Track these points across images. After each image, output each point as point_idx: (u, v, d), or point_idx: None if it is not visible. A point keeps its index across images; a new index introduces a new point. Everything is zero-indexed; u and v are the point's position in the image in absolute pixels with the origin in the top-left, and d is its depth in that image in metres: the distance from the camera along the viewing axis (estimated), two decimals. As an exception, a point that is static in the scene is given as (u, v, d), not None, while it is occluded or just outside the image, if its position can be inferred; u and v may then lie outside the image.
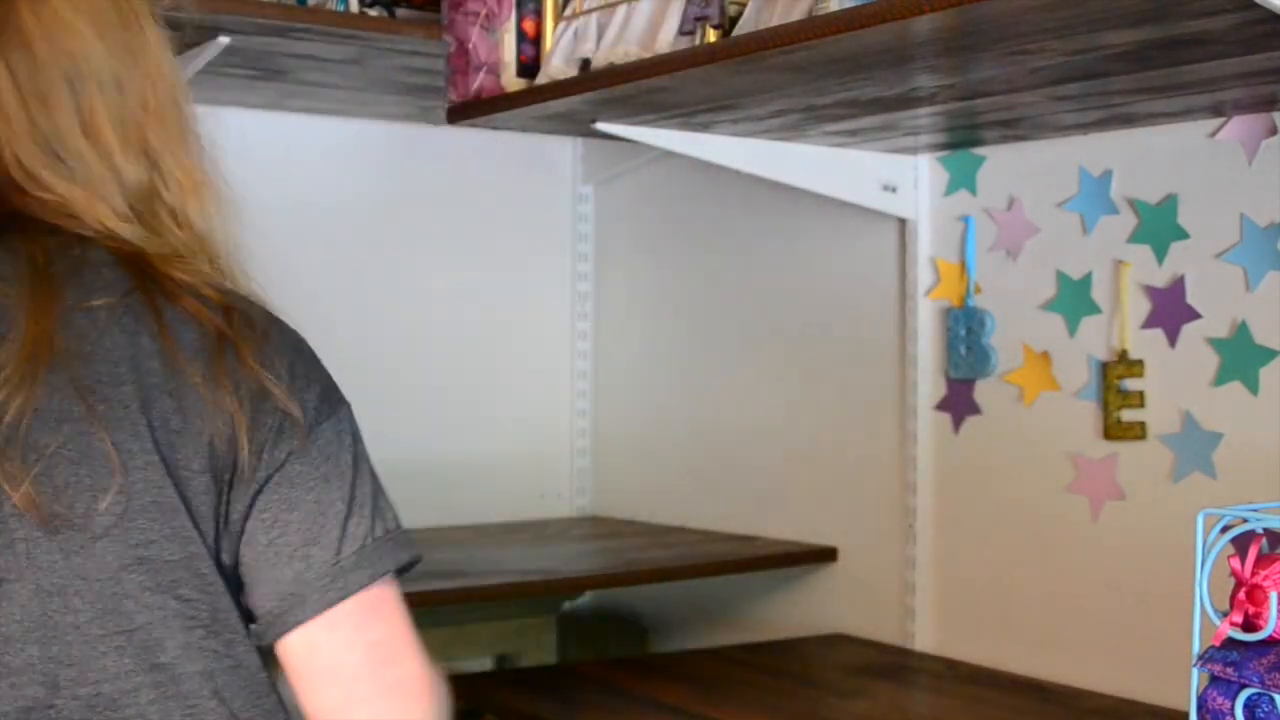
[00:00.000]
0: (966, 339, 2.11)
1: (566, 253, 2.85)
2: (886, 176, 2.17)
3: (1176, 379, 1.86)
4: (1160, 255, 1.88)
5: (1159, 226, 1.88)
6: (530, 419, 2.81)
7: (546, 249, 2.83)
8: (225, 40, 1.90)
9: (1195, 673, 1.16)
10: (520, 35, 1.96)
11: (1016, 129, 1.94)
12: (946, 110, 1.82)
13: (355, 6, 2.00)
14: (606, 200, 2.84)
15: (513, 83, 1.95)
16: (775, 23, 1.54)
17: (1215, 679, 1.14)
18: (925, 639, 2.19)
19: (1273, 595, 1.10)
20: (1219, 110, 1.76)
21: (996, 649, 2.09)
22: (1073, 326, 1.98)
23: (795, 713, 1.86)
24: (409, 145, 2.66)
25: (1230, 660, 1.12)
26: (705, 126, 1.99)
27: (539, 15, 1.94)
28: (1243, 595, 1.12)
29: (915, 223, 2.18)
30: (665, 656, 2.37)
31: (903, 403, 2.22)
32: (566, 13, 1.88)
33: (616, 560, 2.35)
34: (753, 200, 2.46)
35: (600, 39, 1.80)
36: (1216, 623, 1.14)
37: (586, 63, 1.82)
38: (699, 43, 1.67)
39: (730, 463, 2.54)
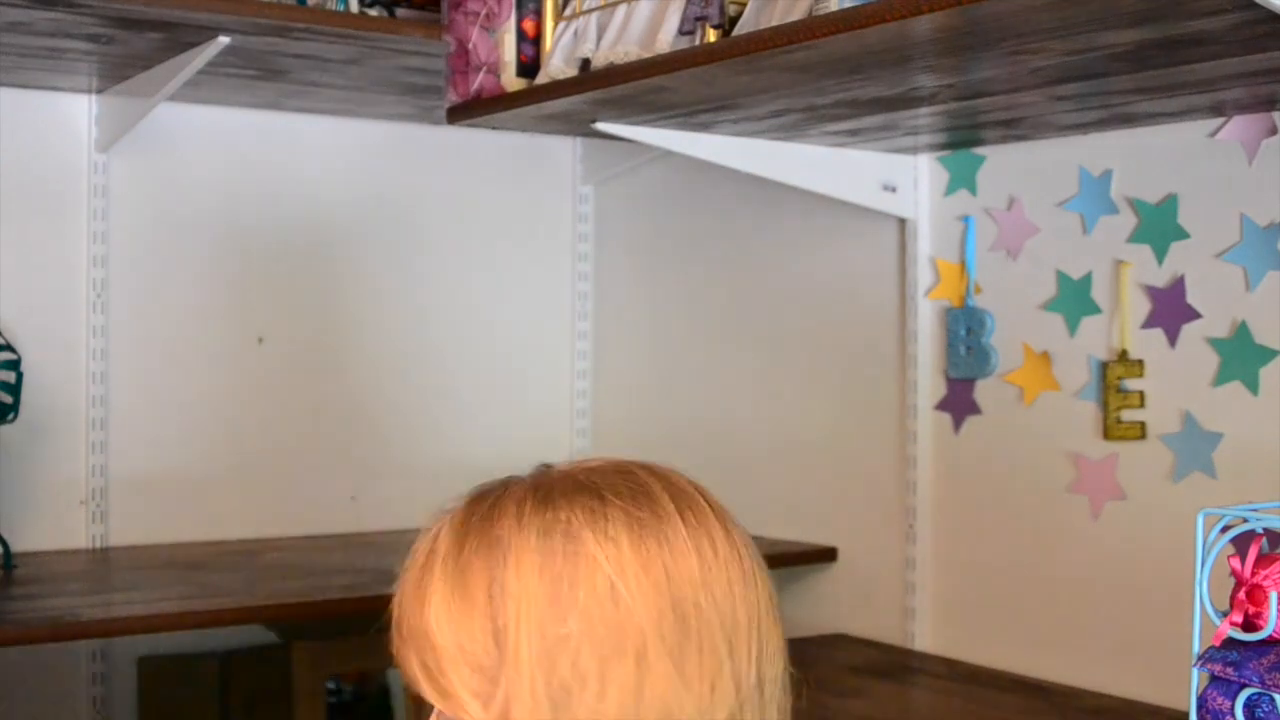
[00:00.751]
0: (966, 339, 2.11)
1: (566, 253, 2.85)
2: (886, 176, 2.17)
3: (1176, 379, 1.86)
4: (1160, 255, 1.88)
5: (1159, 226, 1.88)
6: (530, 419, 2.81)
7: (546, 249, 2.83)
8: (225, 40, 1.90)
9: (1195, 673, 1.16)
10: (520, 35, 1.96)
11: (1016, 129, 1.94)
12: (946, 110, 1.82)
13: (355, 6, 2.00)
14: (606, 200, 2.84)
15: (513, 83, 1.95)
16: (775, 23, 1.54)
17: (1215, 679, 1.14)
18: (925, 639, 2.19)
19: (1273, 595, 1.10)
20: (1219, 110, 1.76)
21: (996, 649, 2.09)
22: (1073, 326, 1.98)
23: (795, 713, 1.85)
24: (409, 145, 2.66)
25: (1230, 660, 1.12)
26: (705, 126, 1.99)
27: (539, 15, 1.94)
28: (1243, 595, 1.12)
29: (915, 223, 2.19)
30: (665, 656, 2.37)
31: (903, 403, 2.22)
32: (566, 13, 1.88)
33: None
34: (753, 200, 2.46)
35: (600, 39, 1.80)
36: (1216, 623, 1.14)
37: (586, 63, 1.82)
38: (699, 43, 1.67)
39: (730, 462, 2.54)
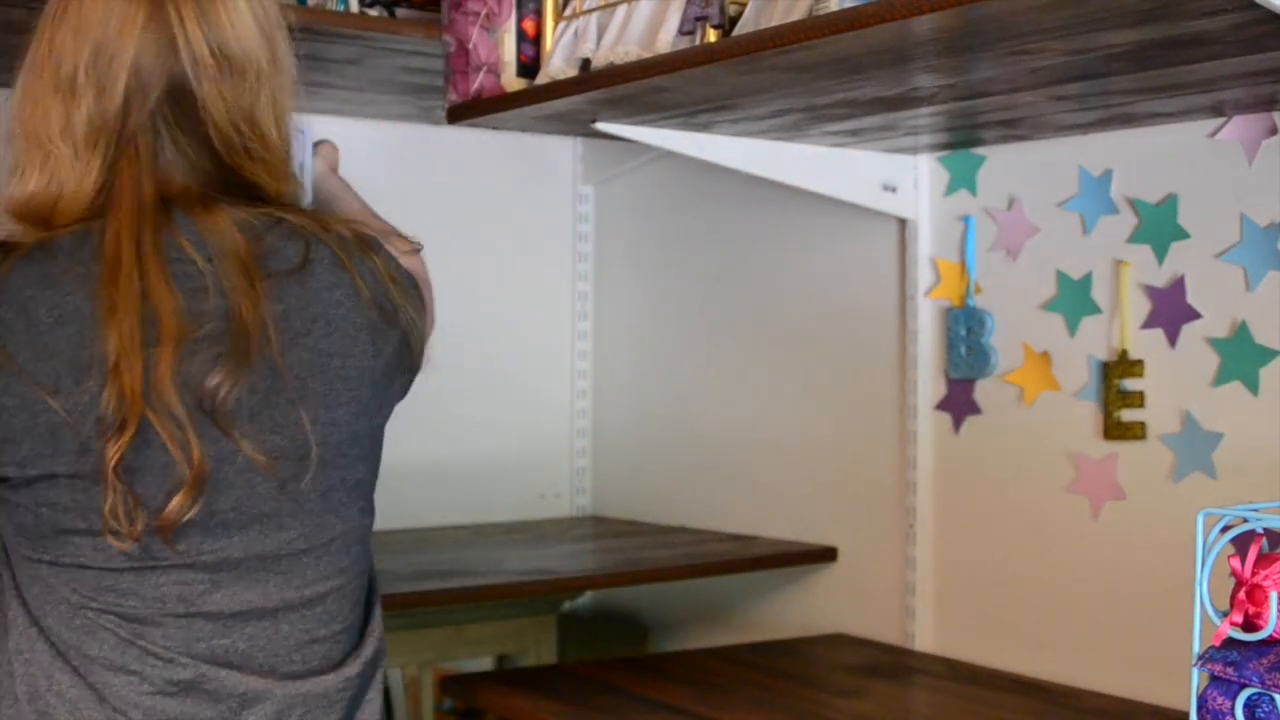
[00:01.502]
0: (966, 339, 2.11)
1: (566, 253, 2.85)
2: (886, 176, 2.17)
3: (1176, 379, 1.86)
4: (1160, 255, 1.88)
5: (1159, 226, 1.88)
6: (530, 419, 2.81)
7: (546, 249, 2.83)
8: (225, 40, 1.90)
9: (1195, 673, 1.16)
10: (520, 35, 1.96)
11: (1016, 129, 1.94)
12: (946, 110, 1.82)
13: (355, 6, 2.00)
14: (606, 200, 2.84)
15: (513, 83, 1.95)
16: (775, 23, 1.54)
17: (1215, 679, 1.14)
18: (925, 639, 2.19)
19: (1273, 595, 1.10)
20: (1219, 110, 1.76)
21: (996, 649, 2.09)
22: (1073, 326, 1.98)
23: (795, 713, 1.86)
24: (409, 145, 2.66)
25: (1230, 660, 1.12)
26: (705, 126, 1.99)
27: (539, 15, 1.94)
28: (1243, 595, 1.12)
29: (915, 223, 2.19)
30: (665, 656, 2.37)
31: (903, 403, 2.22)
32: (566, 13, 1.88)
33: (616, 560, 2.35)
34: (753, 200, 2.46)
35: (600, 39, 1.80)
36: (1216, 623, 1.14)
37: (586, 63, 1.82)
38: (699, 43, 1.67)
39: (730, 463, 2.54)
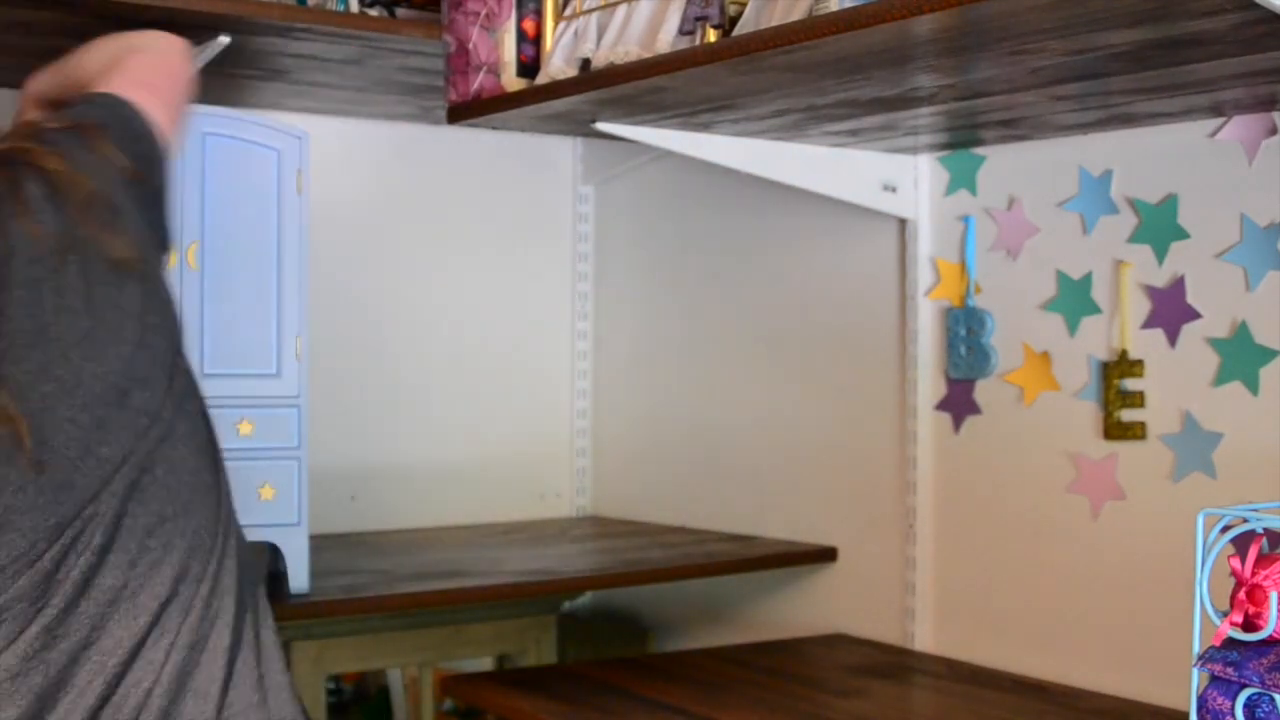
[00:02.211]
0: (966, 339, 2.11)
1: (566, 253, 2.85)
2: (886, 176, 2.17)
3: (1176, 379, 1.86)
4: (1160, 255, 1.88)
5: (1159, 226, 1.88)
6: (530, 419, 2.81)
7: (546, 249, 2.83)
8: (225, 40, 1.90)
9: (1195, 673, 1.16)
10: (520, 35, 1.96)
11: (1016, 129, 1.94)
12: (946, 110, 1.82)
13: (355, 6, 2.00)
14: (606, 200, 2.84)
15: (513, 83, 1.95)
16: (775, 23, 1.54)
17: (1215, 679, 1.14)
18: (925, 639, 2.19)
19: (1273, 595, 1.10)
20: (1219, 110, 1.76)
21: (996, 649, 2.09)
22: (1073, 326, 1.98)
23: (795, 713, 1.86)
24: (409, 145, 2.66)
25: (1230, 660, 1.12)
26: (705, 126, 1.99)
27: (539, 15, 1.94)
28: (1243, 595, 1.12)
29: (915, 223, 2.19)
30: (665, 656, 2.37)
31: (903, 403, 2.22)
32: (566, 13, 1.88)
33: (616, 560, 2.35)
34: (753, 200, 2.46)
35: (600, 39, 1.80)
36: (1216, 623, 1.14)
37: (586, 63, 1.82)
38: (699, 43, 1.67)
39: (730, 463, 2.54)
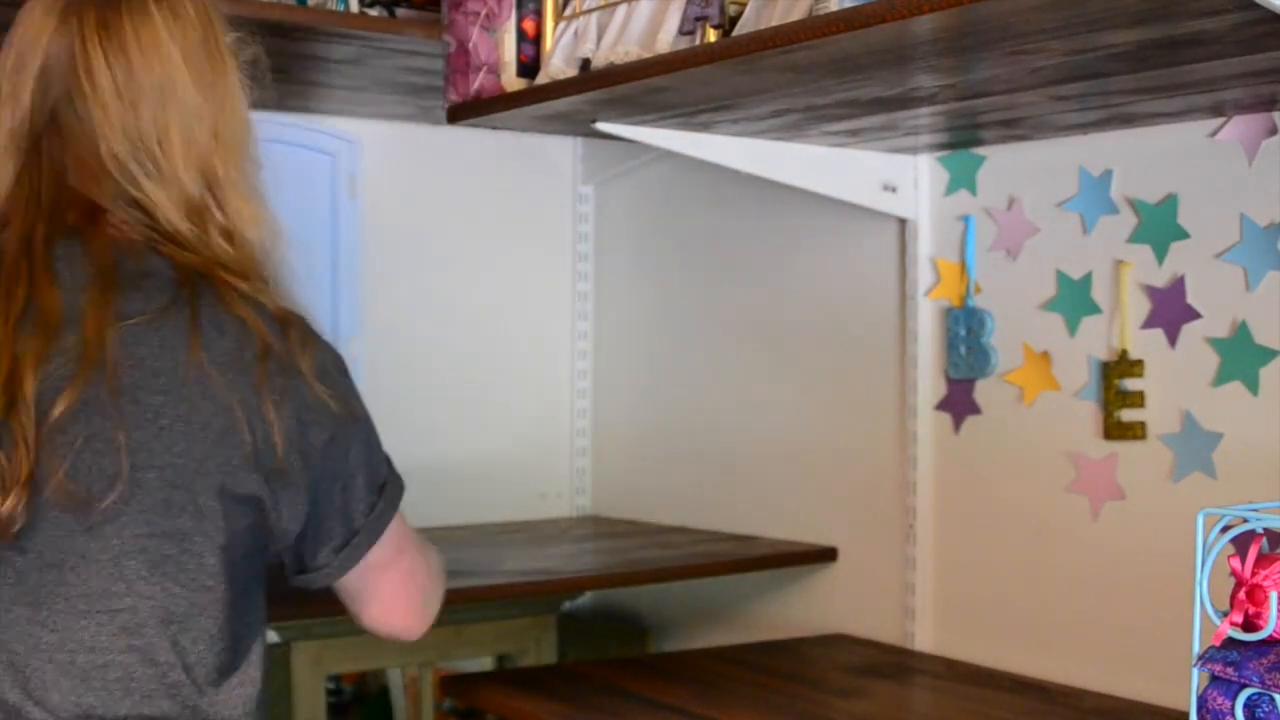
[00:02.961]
0: (966, 339, 2.11)
1: (566, 253, 2.85)
2: (886, 176, 2.17)
3: (1176, 379, 1.86)
4: (1160, 255, 1.88)
5: (1159, 226, 1.88)
6: (530, 419, 2.81)
7: (546, 249, 2.83)
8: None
9: (1195, 673, 1.16)
10: (520, 35, 1.96)
11: (1016, 129, 1.94)
12: (946, 110, 1.82)
13: (355, 6, 2.00)
14: (606, 200, 2.84)
15: (513, 83, 1.95)
16: (775, 23, 1.54)
17: (1215, 679, 1.14)
18: (925, 639, 2.19)
19: (1273, 595, 1.10)
20: (1219, 110, 1.76)
21: (996, 649, 2.09)
22: (1073, 326, 1.98)
23: (795, 713, 1.86)
24: (409, 145, 2.66)
25: (1230, 660, 1.12)
26: (705, 126, 1.99)
27: (539, 15, 1.94)
28: (1243, 595, 1.12)
29: (915, 223, 2.19)
30: (665, 656, 2.37)
31: (903, 403, 2.22)
32: (566, 13, 1.88)
33: (616, 560, 2.35)
34: (753, 200, 2.46)
35: (600, 39, 1.80)
36: (1216, 623, 1.14)
37: (586, 63, 1.82)
38: (699, 43, 1.67)
39: (730, 463, 2.54)
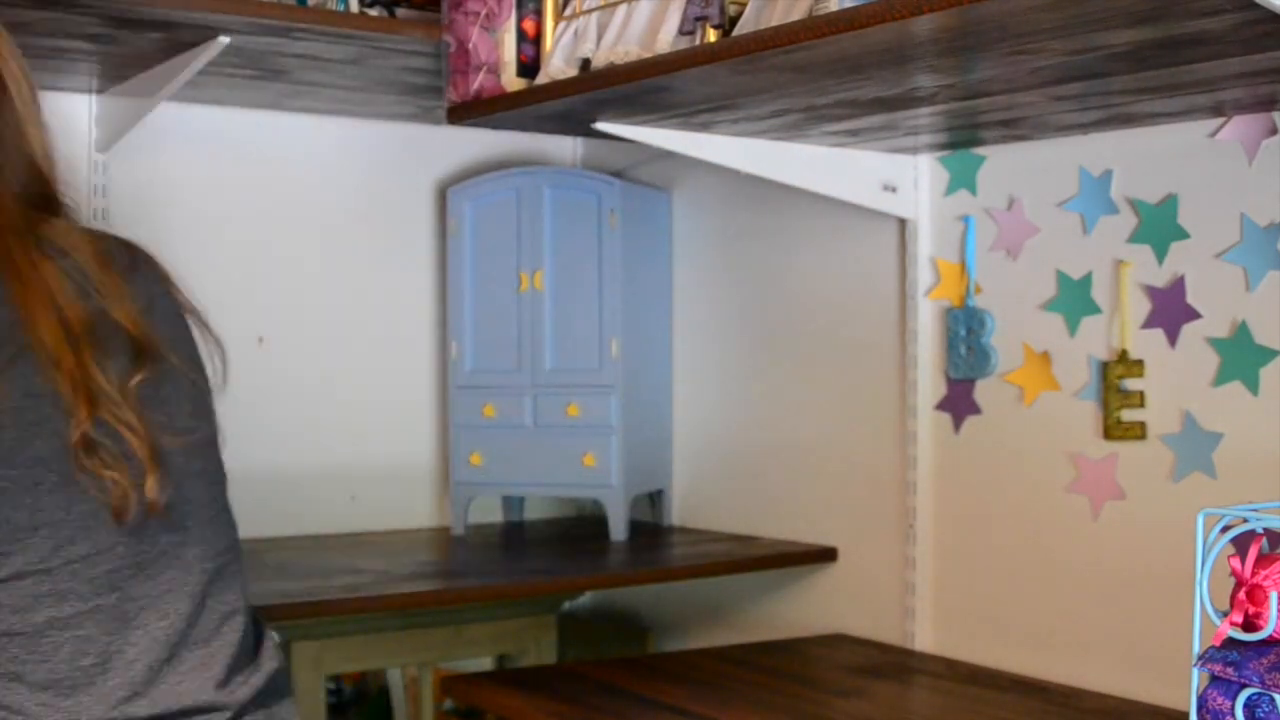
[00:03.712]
0: (966, 339, 2.11)
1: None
2: (886, 176, 2.17)
3: (1176, 379, 1.86)
4: (1160, 255, 1.88)
5: (1159, 226, 1.88)
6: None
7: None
8: (225, 40, 1.90)
9: (1195, 673, 1.16)
10: (520, 35, 1.96)
11: (1016, 129, 1.94)
12: (946, 110, 1.82)
13: (355, 6, 2.00)
14: (606, 200, 2.83)
15: (513, 83, 1.95)
16: (775, 23, 1.54)
17: (1215, 679, 1.14)
18: (925, 639, 2.19)
19: (1273, 595, 1.10)
20: (1219, 110, 1.76)
21: (996, 649, 2.09)
22: (1073, 326, 1.98)
23: (795, 713, 1.86)
24: (409, 145, 2.66)
25: (1230, 660, 1.12)
26: (705, 126, 1.99)
27: (539, 15, 1.94)
28: (1243, 595, 1.12)
29: (915, 223, 2.19)
30: (665, 656, 2.37)
31: (903, 403, 2.22)
32: (566, 13, 1.88)
33: (617, 560, 2.35)
34: (752, 200, 2.46)
35: (600, 39, 1.80)
36: (1216, 623, 1.14)
37: (586, 63, 1.82)
38: (699, 43, 1.67)
39: (730, 462, 2.54)
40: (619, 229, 2.44)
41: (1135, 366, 1.90)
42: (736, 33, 1.61)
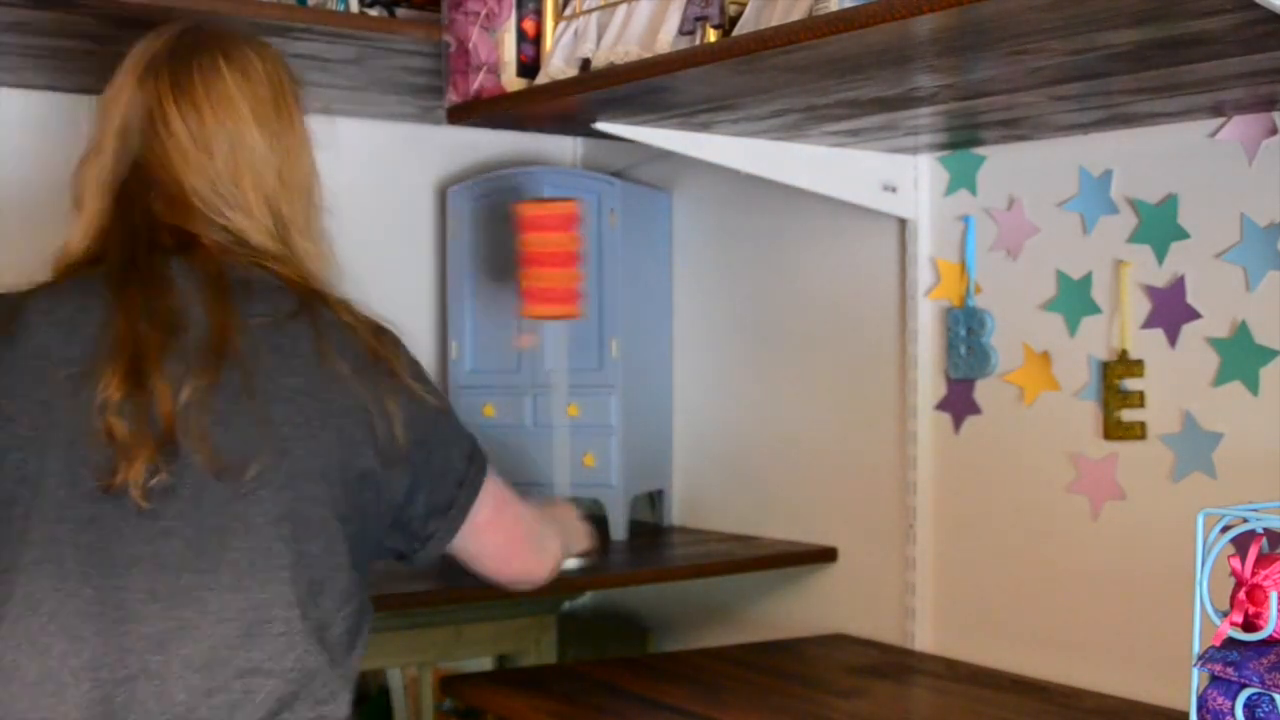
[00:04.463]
0: (966, 339, 2.11)
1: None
2: (886, 176, 2.17)
3: (1176, 379, 1.86)
4: (1160, 255, 1.88)
5: (1159, 226, 1.88)
6: (530, 419, 2.81)
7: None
8: (225, 40, 1.90)
9: (1195, 673, 1.16)
10: (520, 35, 1.96)
11: (1016, 129, 1.94)
12: (946, 110, 1.82)
13: (355, 6, 2.00)
14: (606, 200, 2.83)
15: (513, 83, 1.95)
16: (775, 23, 1.54)
17: (1215, 679, 1.14)
18: (925, 639, 2.19)
19: (1273, 595, 1.10)
20: (1219, 110, 1.76)
21: (996, 649, 2.09)
22: (1073, 326, 1.98)
23: (795, 713, 1.86)
24: (409, 145, 2.66)
25: (1230, 660, 1.12)
26: (705, 126, 1.99)
27: (539, 15, 1.94)
28: (1243, 595, 1.12)
29: (915, 223, 2.19)
30: (665, 656, 2.37)
31: (903, 403, 2.22)
32: (566, 13, 1.88)
33: (617, 560, 2.35)
34: (751, 200, 2.46)
35: (600, 39, 1.80)
36: (1216, 623, 1.14)
37: (586, 63, 1.82)
38: (699, 43, 1.67)
39: (730, 462, 2.54)
40: (619, 229, 2.44)
41: (1135, 366, 1.90)
42: (736, 33, 1.61)
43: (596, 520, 2.50)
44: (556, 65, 1.86)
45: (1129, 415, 1.91)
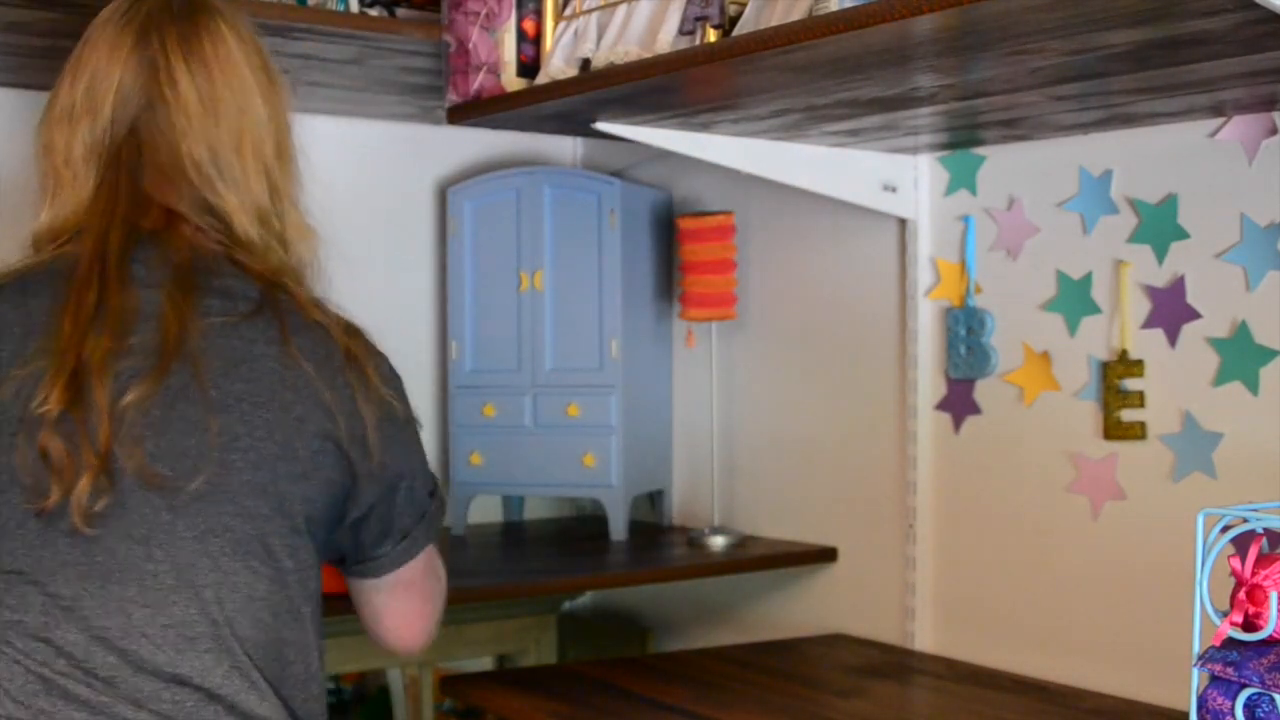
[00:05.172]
0: (966, 339, 2.11)
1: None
2: (886, 176, 2.17)
3: (1176, 379, 1.86)
4: (1160, 255, 1.88)
5: (1159, 226, 1.88)
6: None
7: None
8: (225, 40, 1.90)
9: (1195, 673, 1.16)
10: (520, 35, 1.96)
11: (1016, 129, 1.94)
12: (946, 110, 1.82)
13: (355, 6, 2.00)
14: (606, 200, 2.83)
15: (513, 83, 1.95)
16: (775, 23, 1.54)
17: (1215, 679, 1.14)
18: (925, 639, 2.19)
19: (1273, 595, 1.10)
20: (1219, 110, 1.76)
21: (996, 649, 2.09)
22: (1073, 326, 1.98)
23: (795, 713, 1.86)
24: (409, 145, 2.66)
25: (1230, 660, 1.12)
26: (705, 126, 1.99)
27: (539, 15, 1.94)
28: (1243, 595, 1.12)
29: (915, 223, 2.19)
30: (665, 656, 2.37)
31: (903, 403, 2.22)
32: (566, 13, 1.88)
33: (616, 560, 2.35)
34: (752, 199, 2.46)
35: (600, 39, 1.80)
36: (1216, 623, 1.14)
37: (586, 63, 1.82)
38: (699, 43, 1.67)
39: (730, 462, 2.54)
40: (619, 229, 2.44)
41: (1135, 366, 1.90)
42: (736, 33, 1.61)
43: (597, 520, 2.51)
44: (556, 65, 1.86)
45: (1129, 415, 1.91)
